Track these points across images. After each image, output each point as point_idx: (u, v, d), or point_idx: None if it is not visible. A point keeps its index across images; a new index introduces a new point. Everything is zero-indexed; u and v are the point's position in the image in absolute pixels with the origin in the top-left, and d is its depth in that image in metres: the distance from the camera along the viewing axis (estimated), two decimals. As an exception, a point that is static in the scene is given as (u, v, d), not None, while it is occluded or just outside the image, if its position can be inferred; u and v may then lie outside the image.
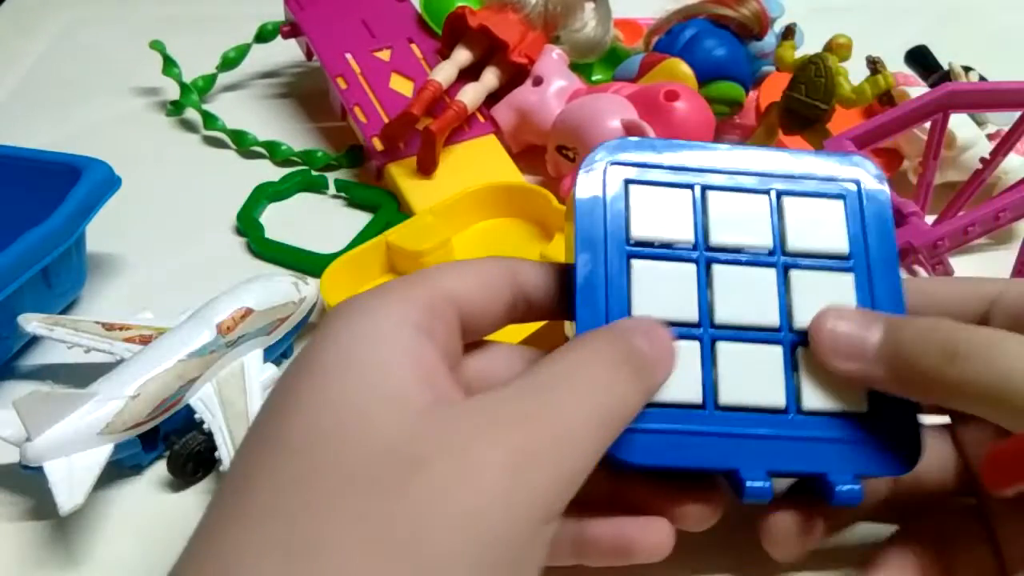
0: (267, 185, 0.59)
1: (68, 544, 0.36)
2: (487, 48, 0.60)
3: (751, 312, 0.32)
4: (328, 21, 0.65)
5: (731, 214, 0.33)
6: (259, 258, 0.54)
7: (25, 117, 0.68)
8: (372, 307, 0.28)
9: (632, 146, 0.33)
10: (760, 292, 0.32)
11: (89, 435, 0.35)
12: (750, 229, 0.33)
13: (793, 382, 0.31)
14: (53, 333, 0.42)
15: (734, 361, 0.31)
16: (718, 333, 0.31)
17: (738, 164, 0.33)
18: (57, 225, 0.45)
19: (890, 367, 0.30)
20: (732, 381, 0.31)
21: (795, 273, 0.32)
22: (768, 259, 0.32)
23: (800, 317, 0.32)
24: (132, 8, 0.85)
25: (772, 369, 0.31)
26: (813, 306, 0.31)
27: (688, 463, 0.30)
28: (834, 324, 0.31)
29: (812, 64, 0.48)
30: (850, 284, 0.32)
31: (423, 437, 0.24)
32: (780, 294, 0.32)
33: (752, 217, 0.33)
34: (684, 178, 0.33)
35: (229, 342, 0.40)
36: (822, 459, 0.31)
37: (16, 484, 0.38)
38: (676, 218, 0.32)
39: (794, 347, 0.31)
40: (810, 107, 0.48)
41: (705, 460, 0.30)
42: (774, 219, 0.33)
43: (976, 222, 0.46)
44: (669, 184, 0.33)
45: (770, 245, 0.32)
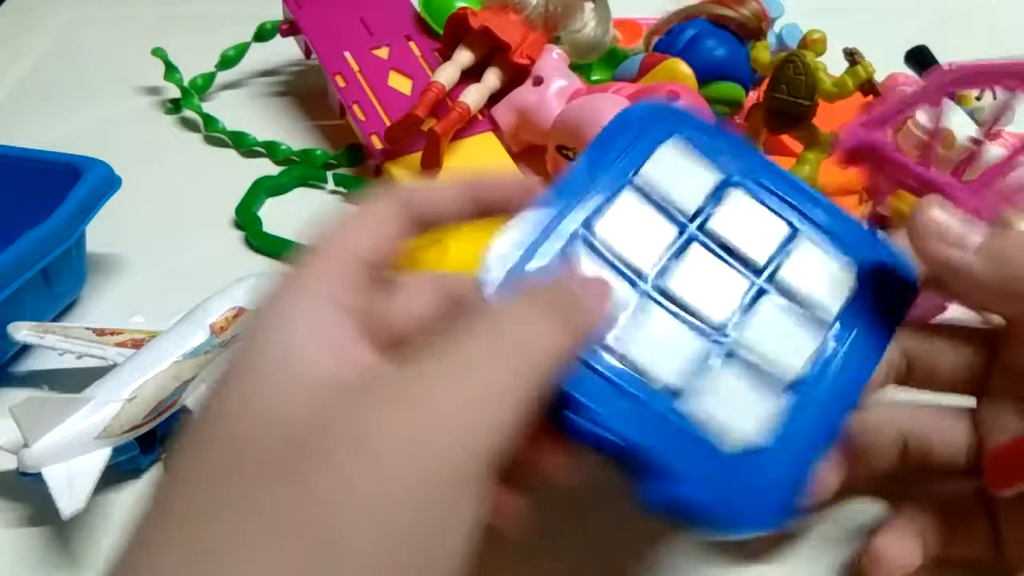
0: (266, 179, 0.59)
1: (67, 549, 0.36)
2: (488, 49, 0.60)
3: (700, 299, 0.31)
4: (326, 19, 0.65)
5: (742, 217, 0.32)
6: (257, 251, 0.54)
7: (25, 117, 0.68)
8: (284, 291, 0.27)
9: (692, 117, 0.33)
10: (721, 291, 0.31)
11: (87, 439, 0.35)
12: (750, 238, 0.32)
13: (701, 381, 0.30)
14: (44, 341, 0.41)
15: (656, 328, 0.30)
16: (659, 298, 0.30)
17: (777, 182, 0.33)
18: (57, 225, 0.45)
19: (991, 261, 0.30)
20: (643, 342, 0.29)
21: (765, 300, 0.31)
22: (751, 273, 0.32)
23: (745, 333, 0.30)
24: (132, 8, 0.85)
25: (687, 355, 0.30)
26: (761, 334, 0.30)
27: None
28: (940, 212, 0.31)
29: (790, 63, 0.48)
30: (812, 343, 0.31)
31: (320, 420, 0.23)
32: (740, 305, 0.31)
33: (760, 231, 0.32)
34: (719, 163, 0.33)
35: (223, 342, 0.40)
36: None
37: (14, 491, 0.38)
38: (689, 185, 0.32)
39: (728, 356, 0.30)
40: (794, 105, 0.48)
41: None
42: (780, 245, 0.32)
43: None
44: (702, 157, 0.32)
45: (761, 263, 0.32)
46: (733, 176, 0.33)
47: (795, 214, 0.33)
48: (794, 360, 0.30)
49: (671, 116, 0.33)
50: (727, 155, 0.33)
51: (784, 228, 0.32)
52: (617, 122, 0.32)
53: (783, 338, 0.31)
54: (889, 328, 0.32)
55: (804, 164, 0.47)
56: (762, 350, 0.30)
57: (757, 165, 0.33)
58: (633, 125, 0.32)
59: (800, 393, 0.30)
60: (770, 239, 0.32)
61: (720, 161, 0.33)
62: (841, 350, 0.31)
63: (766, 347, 0.30)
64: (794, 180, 0.34)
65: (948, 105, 0.47)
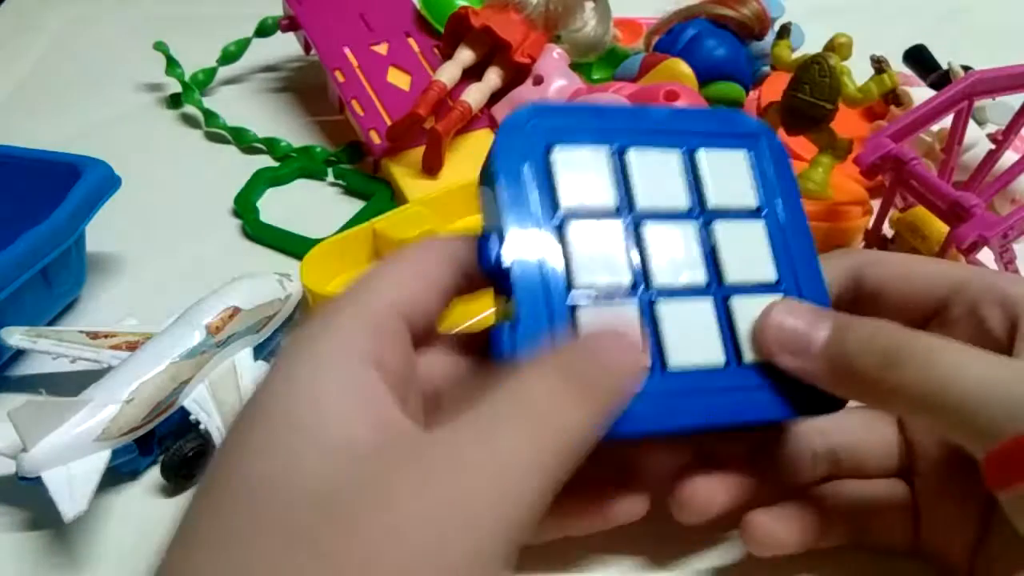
0: (266, 170, 0.60)
1: (67, 552, 0.37)
2: (489, 48, 0.60)
3: (683, 271, 0.32)
4: (326, 15, 0.65)
5: (651, 174, 0.33)
6: (252, 240, 0.55)
7: (25, 116, 0.68)
8: (316, 342, 0.26)
9: (546, 110, 0.33)
10: (688, 252, 0.32)
11: (86, 442, 0.35)
12: (669, 187, 0.33)
13: (731, 336, 0.32)
14: (37, 345, 0.41)
15: (676, 320, 0.31)
16: (656, 294, 0.31)
17: (648, 121, 0.34)
18: (57, 225, 0.45)
19: (831, 368, 0.30)
20: (677, 343, 0.31)
21: (718, 232, 0.33)
22: (691, 214, 0.33)
23: (728, 270, 0.32)
24: (132, 7, 0.85)
25: (708, 326, 0.32)
26: (737, 265, 0.32)
27: (644, 427, 0.30)
28: (782, 319, 0.31)
29: (815, 64, 0.48)
30: (763, 230, 0.33)
31: (350, 490, 0.22)
32: (705, 248, 0.32)
33: (668, 175, 0.33)
34: (601, 137, 0.33)
35: (219, 342, 0.40)
36: (762, 407, 0.31)
37: (12, 495, 0.39)
38: (600, 183, 0.32)
39: (725, 299, 0.32)
40: (815, 107, 0.47)
41: (661, 422, 0.30)
42: (690, 176, 0.33)
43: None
44: (584, 145, 0.32)
45: (688, 205, 0.33)
46: (616, 143, 0.33)
47: (677, 136, 0.34)
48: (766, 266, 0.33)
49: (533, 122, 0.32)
50: (598, 125, 0.33)
51: (678, 157, 0.33)
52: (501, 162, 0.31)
53: (750, 253, 0.33)
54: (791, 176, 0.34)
55: (817, 167, 0.47)
56: (746, 277, 0.32)
57: (624, 117, 0.34)
58: (513, 156, 0.32)
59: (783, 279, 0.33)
60: (678, 177, 0.33)
61: (598, 136, 0.33)
62: (781, 223, 0.34)
63: (745, 272, 0.32)
64: (655, 109, 0.35)
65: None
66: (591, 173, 0.32)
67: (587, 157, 0.32)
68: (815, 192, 0.47)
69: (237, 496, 0.23)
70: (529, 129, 0.32)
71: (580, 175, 0.32)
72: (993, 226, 0.43)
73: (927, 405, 0.28)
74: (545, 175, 0.31)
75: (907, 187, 0.46)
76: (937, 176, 0.47)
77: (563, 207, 0.31)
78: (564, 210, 0.31)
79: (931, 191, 0.45)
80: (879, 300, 0.34)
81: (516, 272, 0.30)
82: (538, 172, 0.31)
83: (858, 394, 0.31)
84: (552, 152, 0.32)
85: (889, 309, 0.34)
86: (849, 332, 0.30)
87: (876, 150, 0.46)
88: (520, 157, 0.31)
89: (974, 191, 0.50)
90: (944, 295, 0.33)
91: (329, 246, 0.48)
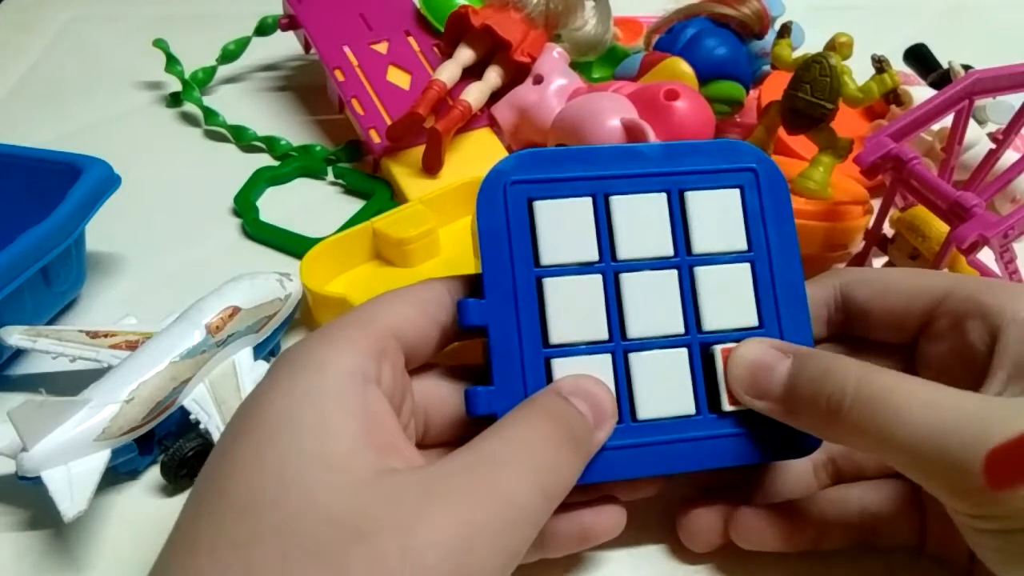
0: (266, 169, 0.60)
1: (67, 552, 0.37)
2: (489, 47, 0.60)
3: (661, 320, 0.33)
4: (326, 14, 0.65)
5: (635, 221, 0.33)
6: (252, 239, 0.55)
7: (25, 115, 0.68)
8: (318, 359, 0.27)
9: (528, 160, 0.33)
10: (667, 299, 0.33)
11: (86, 442, 0.35)
12: (654, 236, 0.33)
13: (703, 385, 0.33)
14: (36, 344, 0.41)
15: (647, 372, 0.32)
16: (630, 345, 0.32)
17: (636, 163, 0.34)
18: (57, 224, 0.45)
19: (788, 410, 0.31)
20: (647, 396, 0.32)
21: (699, 278, 0.33)
22: (674, 261, 0.33)
23: (707, 316, 0.33)
24: (132, 6, 0.85)
25: (682, 375, 0.33)
26: (719, 303, 0.33)
27: (613, 476, 0.32)
28: (742, 361, 0.32)
29: (816, 63, 0.47)
30: (749, 273, 0.33)
31: (365, 510, 0.24)
32: (686, 295, 0.33)
33: (652, 219, 0.33)
34: (585, 186, 0.33)
35: (219, 341, 0.40)
36: (736, 453, 0.32)
37: (12, 495, 0.39)
38: (581, 236, 0.33)
39: (704, 347, 0.33)
40: (816, 106, 0.47)
41: (629, 471, 0.32)
42: (677, 219, 0.33)
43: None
44: (571, 195, 0.33)
45: (672, 252, 0.33)
46: (598, 188, 0.33)
47: (666, 178, 0.34)
48: (748, 310, 0.33)
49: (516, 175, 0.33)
50: (584, 171, 0.33)
51: (665, 201, 0.33)
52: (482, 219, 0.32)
53: (733, 299, 0.33)
54: (787, 211, 0.34)
55: (818, 166, 0.47)
56: (725, 323, 0.33)
57: (612, 158, 0.34)
58: (495, 213, 0.32)
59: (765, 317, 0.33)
60: (663, 222, 0.33)
61: (582, 185, 0.33)
62: (771, 263, 0.33)
63: (726, 319, 0.33)
64: (647, 148, 0.34)
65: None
66: (573, 226, 0.33)
67: (569, 209, 0.33)
68: (815, 192, 0.47)
69: (242, 513, 0.24)
70: (512, 183, 0.32)
71: (561, 229, 0.32)
72: (993, 226, 0.43)
73: (875, 447, 0.29)
74: (527, 231, 0.32)
75: (907, 187, 0.46)
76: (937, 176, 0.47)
77: (543, 263, 0.32)
78: (543, 267, 0.32)
79: (931, 191, 0.45)
80: (867, 319, 0.35)
81: (492, 335, 0.31)
82: (519, 228, 0.32)
83: (818, 433, 0.31)
84: (534, 207, 0.32)
85: (878, 327, 0.35)
86: (803, 372, 0.30)
87: (876, 149, 0.46)
88: (501, 213, 0.32)
89: (974, 191, 0.50)
90: (926, 309, 0.33)
91: (329, 245, 0.48)
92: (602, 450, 0.31)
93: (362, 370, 0.27)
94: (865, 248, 0.51)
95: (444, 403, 0.33)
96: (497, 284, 0.32)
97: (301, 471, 0.24)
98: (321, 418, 0.26)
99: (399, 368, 0.30)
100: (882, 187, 0.50)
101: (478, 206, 0.32)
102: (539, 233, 0.32)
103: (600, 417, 0.31)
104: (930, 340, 0.33)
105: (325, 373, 0.27)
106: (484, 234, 0.32)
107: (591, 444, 0.30)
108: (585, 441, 0.30)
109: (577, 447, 0.29)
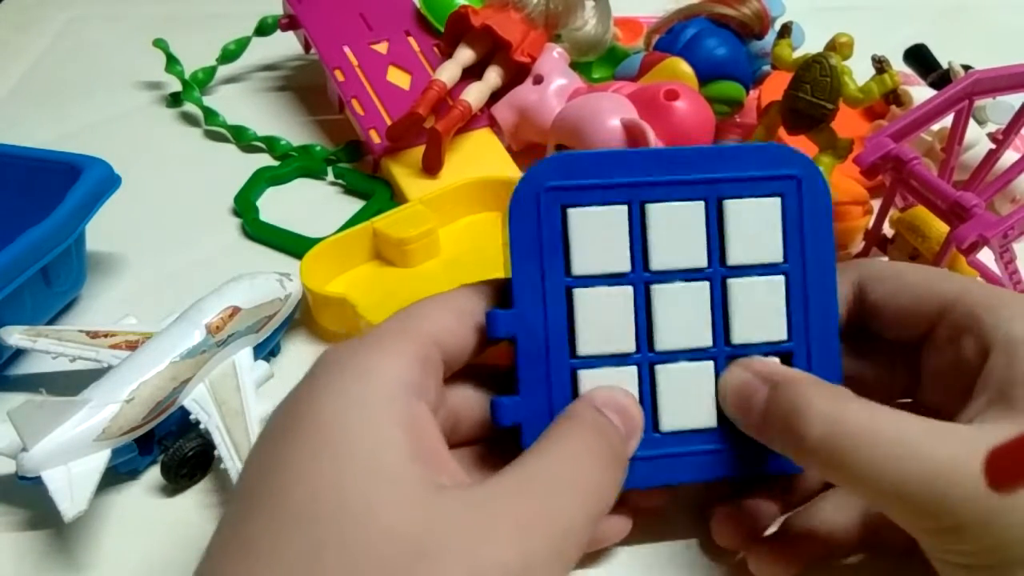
0: (266, 169, 0.60)
1: (66, 552, 0.36)
2: (489, 47, 0.60)
3: (689, 332, 0.32)
4: (326, 14, 0.65)
5: (670, 230, 0.32)
6: (252, 239, 0.55)
7: (25, 115, 0.68)
8: (364, 365, 0.27)
9: (564, 163, 0.32)
10: (697, 311, 0.33)
11: (86, 442, 0.35)
12: (689, 246, 0.33)
13: None
14: (36, 344, 0.41)
15: (672, 385, 0.32)
16: (657, 358, 0.32)
17: (674, 168, 0.33)
18: (57, 224, 0.45)
19: (764, 439, 0.31)
20: (670, 408, 0.32)
21: (732, 290, 0.33)
22: (707, 272, 0.33)
23: (737, 330, 0.33)
24: (132, 6, 0.85)
25: (706, 388, 0.33)
26: (749, 317, 0.33)
27: (631, 485, 0.31)
28: (727, 386, 0.32)
29: (816, 63, 0.48)
30: (782, 287, 0.33)
31: (427, 528, 0.24)
32: (716, 308, 0.33)
33: (688, 228, 0.33)
34: (621, 194, 0.32)
35: (219, 341, 0.40)
36: (754, 462, 0.33)
37: (12, 495, 0.39)
38: (615, 245, 0.32)
39: (728, 360, 0.33)
40: (816, 107, 0.47)
41: (648, 480, 0.32)
42: (712, 228, 0.33)
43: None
44: (606, 202, 0.32)
45: (706, 263, 0.33)
46: (635, 195, 0.32)
47: (704, 185, 0.33)
48: (778, 324, 0.33)
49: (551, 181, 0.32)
50: (619, 177, 0.32)
51: (702, 209, 0.33)
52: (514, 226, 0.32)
53: (764, 312, 0.33)
54: (827, 222, 0.33)
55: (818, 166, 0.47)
56: (754, 337, 0.33)
57: (649, 163, 0.33)
58: (528, 219, 0.32)
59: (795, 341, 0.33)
60: (699, 231, 0.33)
61: (617, 192, 0.32)
62: (805, 275, 0.33)
63: (755, 332, 0.33)
64: (687, 151, 0.33)
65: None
66: (606, 235, 0.32)
67: (604, 217, 0.32)
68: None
69: (304, 523, 0.24)
70: (546, 190, 0.32)
71: (595, 237, 0.32)
72: (993, 226, 0.43)
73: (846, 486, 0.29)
74: (559, 239, 0.32)
75: (907, 187, 0.46)
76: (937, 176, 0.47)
77: (574, 273, 0.32)
78: (574, 277, 0.32)
79: (931, 191, 0.45)
80: (880, 318, 0.34)
81: (520, 346, 0.31)
82: (551, 236, 0.32)
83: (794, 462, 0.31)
84: (568, 215, 0.32)
85: (889, 326, 0.34)
86: (776, 405, 0.30)
87: (876, 150, 0.46)
88: (534, 220, 0.32)
89: (974, 191, 0.50)
90: (932, 315, 0.33)
91: (329, 245, 0.48)
92: None
93: (408, 379, 0.27)
94: (865, 248, 0.51)
95: (470, 406, 0.33)
96: (527, 294, 0.31)
97: (359, 482, 0.24)
98: (372, 427, 0.26)
99: (439, 377, 0.30)
100: (882, 187, 0.50)
101: (511, 212, 0.32)
102: (572, 242, 0.32)
103: (631, 430, 0.31)
104: (930, 349, 0.33)
105: (372, 380, 0.27)
106: (515, 242, 0.31)
107: (626, 458, 0.31)
108: (623, 457, 0.30)
109: (618, 464, 0.30)
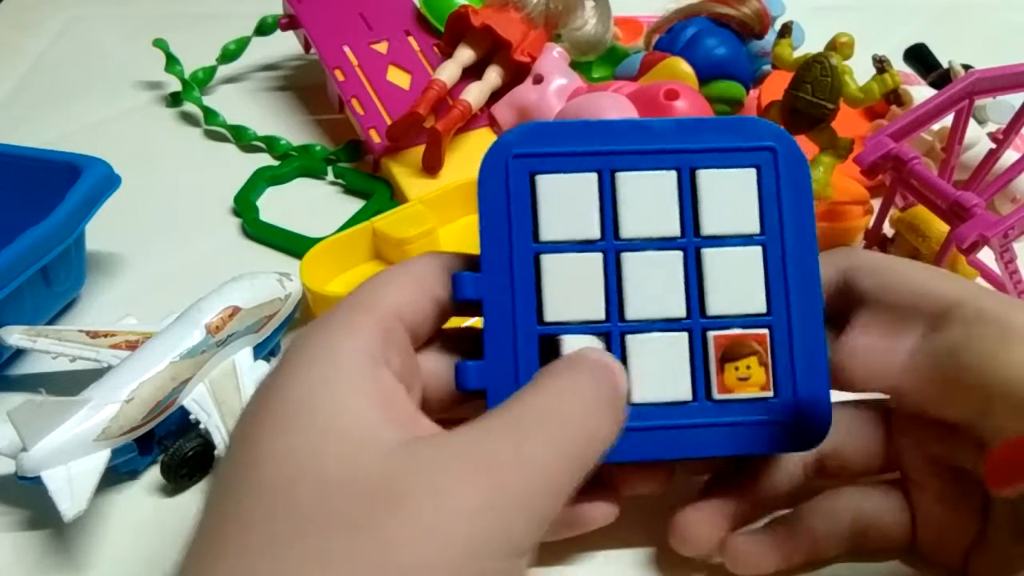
0: (266, 169, 0.60)
1: (66, 552, 0.36)
2: (489, 47, 0.60)
3: (662, 302, 0.32)
4: (326, 13, 0.65)
5: (641, 199, 0.32)
6: (252, 239, 0.55)
7: (25, 115, 0.68)
8: (326, 344, 0.27)
9: (534, 132, 0.32)
10: (670, 281, 0.32)
11: (86, 442, 0.35)
12: (661, 215, 0.32)
13: (702, 371, 0.32)
14: (36, 344, 0.41)
15: (644, 355, 0.31)
16: (628, 327, 0.32)
17: (647, 139, 0.32)
18: (57, 224, 0.45)
19: None
20: (642, 379, 0.31)
21: (706, 260, 0.32)
22: (680, 242, 0.32)
23: (712, 301, 0.32)
24: (132, 6, 0.85)
25: (680, 360, 0.32)
26: (725, 288, 0.32)
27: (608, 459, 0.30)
28: None
29: (817, 63, 0.48)
30: (759, 258, 0.32)
31: (396, 475, 0.24)
32: (691, 278, 0.32)
33: (660, 197, 0.32)
34: (591, 162, 0.32)
35: (219, 341, 0.40)
36: (734, 442, 0.32)
37: (11, 495, 0.39)
38: (584, 212, 0.32)
39: (704, 332, 0.32)
40: (816, 106, 0.47)
41: (622, 454, 0.30)
42: (686, 198, 0.32)
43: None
44: (576, 170, 0.32)
45: (679, 232, 0.32)
46: (605, 164, 0.32)
47: (678, 155, 0.32)
48: (756, 296, 0.32)
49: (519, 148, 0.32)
50: (590, 146, 0.32)
51: (675, 178, 0.32)
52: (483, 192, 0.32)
53: (740, 283, 0.32)
54: (806, 193, 0.32)
55: (818, 166, 0.47)
56: (730, 308, 0.32)
57: (622, 133, 0.32)
58: (496, 186, 0.32)
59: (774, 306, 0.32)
60: (671, 201, 0.32)
61: (588, 160, 0.32)
62: (785, 247, 0.32)
63: (731, 304, 0.32)
64: (659, 122, 0.33)
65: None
66: (575, 202, 0.32)
67: (573, 185, 0.32)
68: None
69: (273, 492, 0.24)
70: (514, 156, 0.32)
71: (564, 205, 0.32)
72: (993, 226, 0.43)
73: None
74: (527, 205, 0.32)
75: (907, 186, 0.46)
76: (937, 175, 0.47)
77: (542, 239, 0.31)
78: (542, 243, 0.31)
79: (931, 190, 0.45)
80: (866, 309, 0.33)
81: (486, 310, 0.31)
82: (520, 202, 0.31)
83: None
84: (536, 181, 0.32)
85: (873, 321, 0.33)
86: None
87: (876, 149, 0.46)
88: (502, 186, 0.31)
89: (974, 190, 0.50)
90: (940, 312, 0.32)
91: (329, 245, 0.48)
92: None
93: (371, 352, 0.27)
94: (866, 247, 0.51)
95: (440, 377, 0.32)
96: (494, 258, 0.31)
97: (323, 449, 0.24)
98: (337, 401, 0.26)
99: (405, 349, 0.30)
100: (882, 187, 0.50)
101: (480, 178, 0.31)
102: (540, 208, 0.31)
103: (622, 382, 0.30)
104: None
105: (336, 358, 0.27)
106: (484, 208, 0.31)
107: (620, 407, 0.29)
108: (616, 404, 0.29)
109: (610, 408, 0.28)
